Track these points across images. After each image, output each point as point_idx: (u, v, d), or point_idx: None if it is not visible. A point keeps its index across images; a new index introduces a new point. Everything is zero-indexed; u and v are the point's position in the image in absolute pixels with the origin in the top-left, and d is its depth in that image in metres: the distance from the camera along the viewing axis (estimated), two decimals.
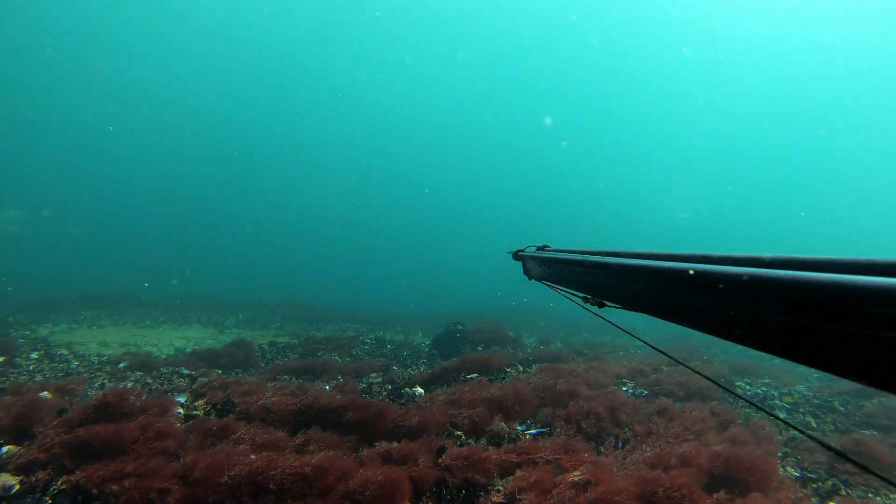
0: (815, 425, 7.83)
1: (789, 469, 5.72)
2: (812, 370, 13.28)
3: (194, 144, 55.18)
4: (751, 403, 1.15)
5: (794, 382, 10.38)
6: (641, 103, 63.86)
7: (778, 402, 8.49)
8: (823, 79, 55.75)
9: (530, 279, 2.65)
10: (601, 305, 1.65)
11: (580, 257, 1.72)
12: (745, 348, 11.23)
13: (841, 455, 0.86)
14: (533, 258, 2.45)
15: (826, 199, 70.12)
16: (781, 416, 8.01)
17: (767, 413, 1.19)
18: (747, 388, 9.02)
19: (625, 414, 6.08)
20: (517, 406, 5.81)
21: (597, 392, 6.65)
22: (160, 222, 51.04)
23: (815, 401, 8.65)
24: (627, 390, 7.94)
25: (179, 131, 54.00)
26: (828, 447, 0.93)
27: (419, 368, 10.33)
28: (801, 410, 8.30)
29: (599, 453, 5.32)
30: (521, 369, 8.61)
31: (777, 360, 14.58)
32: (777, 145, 65.08)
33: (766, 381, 9.95)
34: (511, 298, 34.92)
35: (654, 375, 8.91)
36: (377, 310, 25.18)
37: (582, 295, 1.78)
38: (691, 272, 0.93)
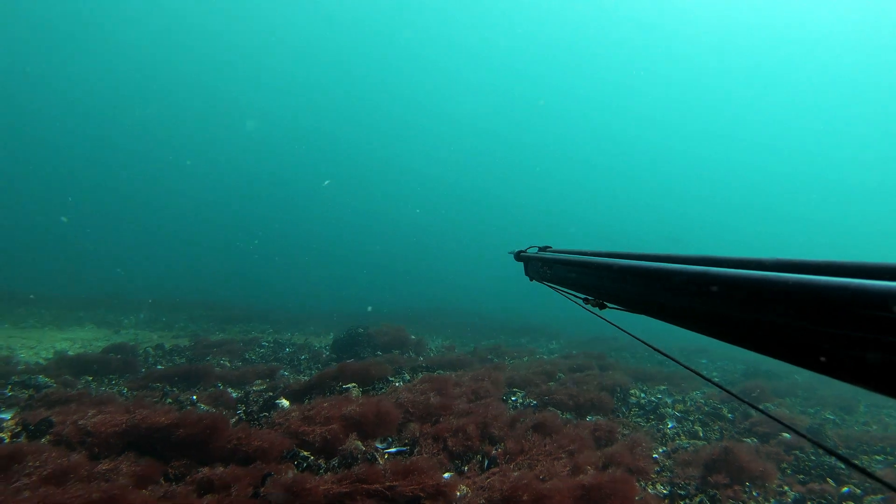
0: (702, 434, 7.79)
1: (659, 486, 5.52)
2: (713, 374, 13.59)
3: (96, 133, 51.65)
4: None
5: (691, 388, 10.47)
6: (644, 103, 64.88)
7: (669, 410, 8.44)
8: (819, 76, 58.11)
9: (532, 280, 2.66)
10: (602, 307, 1.64)
11: (581, 258, 1.72)
12: (652, 353, 11.25)
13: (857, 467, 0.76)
14: (535, 259, 2.45)
15: (833, 202, 72.64)
16: (670, 425, 7.94)
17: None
18: (641, 396, 8.94)
19: (499, 430, 5.72)
20: (378, 422, 5.32)
21: (476, 405, 6.27)
22: (69, 213, 47.43)
23: (706, 408, 8.67)
24: (517, 400, 7.63)
25: (77, 119, 50.33)
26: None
27: (312, 374, 9.69)
28: (691, 419, 8.26)
29: (462, 473, 4.91)
30: (408, 378, 8.14)
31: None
32: (789, 146, 67.08)
33: (663, 387, 9.96)
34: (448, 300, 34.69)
35: (550, 384, 8.68)
36: (295, 309, 24.18)
37: (583, 296, 1.78)
38: (693, 275, 0.93)
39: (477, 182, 70.41)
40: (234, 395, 8.13)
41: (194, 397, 7.48)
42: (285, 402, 6.31)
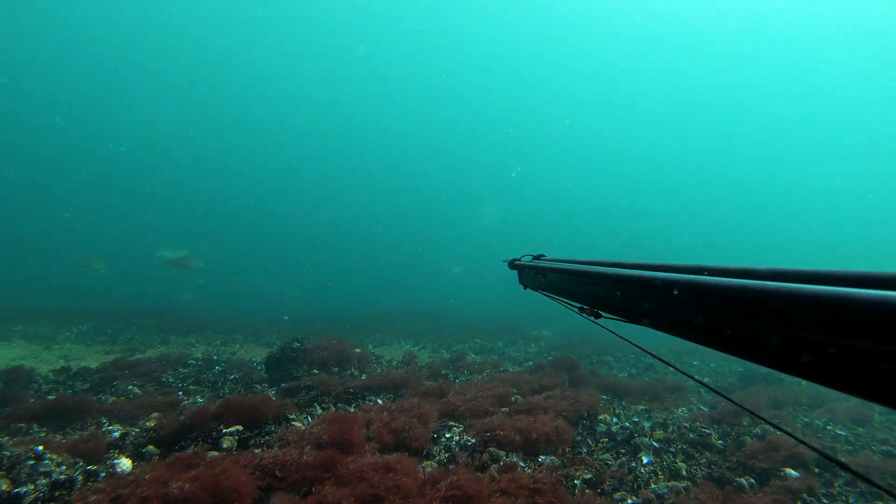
0: (685, 472, 6.27)
1: None
2: (704, 377, 12.09)
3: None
4: None
5: (676, 404, 8.96)
6: (640, 105, 62.87)
7: (647, 439, 6.91)
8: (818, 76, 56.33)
9: (525, 288, 2.61)
10: (597, 316, 1.57)
11: (575, 267, 1.71)
12: (639, 356, 9.58)
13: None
14: (528, 268, 2.42)
15: (829, 209, 70.85)
16: (645, 460, 6.42)
17: None
18: (613, 421, 7.41)
19: (398, 500, 4.18)
20: (222, 502, 3.79)
21: (379, 460, 4.73)
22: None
23: (691, 434, 7.14)
24: (451, 438, 6.09)
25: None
26: None
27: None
28: (673, 449, 6.74)
29: None
30: (321, 413, 6.59)
31: (670, 375, 13.35)
32: (781, 154, 65.30)
33: (641, 407, 8.42)
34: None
35: (503, 409, 7.14)
36: (265, 314, 22.64)
37: (578, 305, 1.71)
38: (682, 284, 0.92)
39: (481, 183, 68.73)
40: (115, 434, 6.58)
41: (39, 448, 5.92)
42: (126, 463, 4.77)
